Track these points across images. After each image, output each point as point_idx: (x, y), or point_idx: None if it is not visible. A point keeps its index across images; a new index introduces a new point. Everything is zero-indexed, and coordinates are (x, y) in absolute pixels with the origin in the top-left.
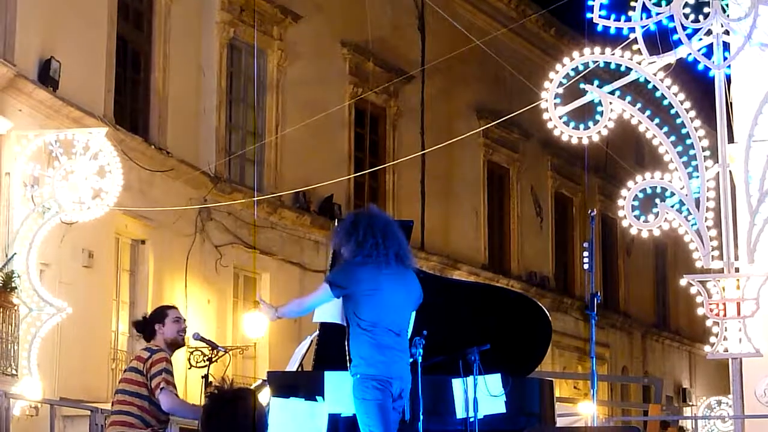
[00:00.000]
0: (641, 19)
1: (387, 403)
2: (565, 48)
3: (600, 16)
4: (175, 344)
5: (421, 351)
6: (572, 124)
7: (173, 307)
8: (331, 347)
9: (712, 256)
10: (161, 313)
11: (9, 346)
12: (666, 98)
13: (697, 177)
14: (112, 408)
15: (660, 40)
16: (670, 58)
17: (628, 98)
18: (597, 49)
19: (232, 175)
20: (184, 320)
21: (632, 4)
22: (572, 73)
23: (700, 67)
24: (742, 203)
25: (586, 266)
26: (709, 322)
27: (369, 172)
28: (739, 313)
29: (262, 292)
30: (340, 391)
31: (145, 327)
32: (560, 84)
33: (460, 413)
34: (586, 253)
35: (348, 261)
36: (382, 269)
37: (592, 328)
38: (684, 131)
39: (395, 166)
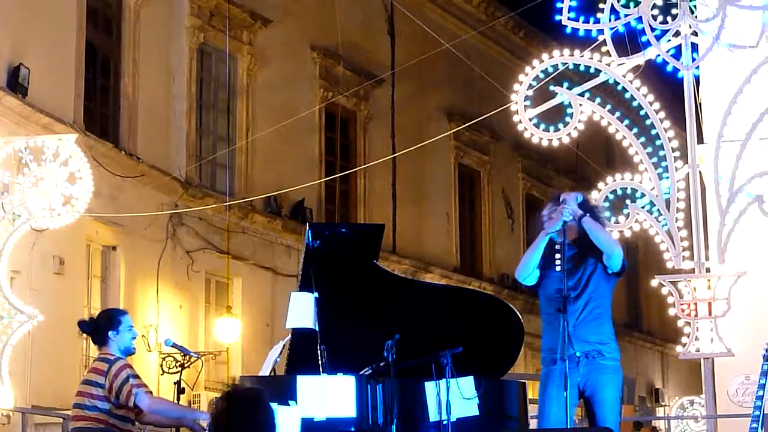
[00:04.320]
0: (610, 20)
1: None
2: (534, 50)
3: (569, 19)
4: (128, 353)
5: (393, 354)
6: (542, 126)
7: (125, 313)
8: (304, 352)
9: (683, 256)
10: (114, 319)
11: None
12: (635, 99)
13: (667, 178)
14: (72, 424)
15: (629, 41)
16: (639, 59)
17: (598, 100)
18: (566, 51)
19: (203, 180)
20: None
21: (600, 6)
22: (542, 75)
23: (669, 68)
24: (712, 204)
25: (558, 268)
26: (680, 323)
27: (340, 175)
28: (710, 313)
29: (234, 298)
30: (313, 396)
31: (95, 331)
32: (530, 86)
33: (433, 416)
34: (558, 255)
35: None
36: None
37: (565, 329)
38: (654, 132)
39: (366, 169)
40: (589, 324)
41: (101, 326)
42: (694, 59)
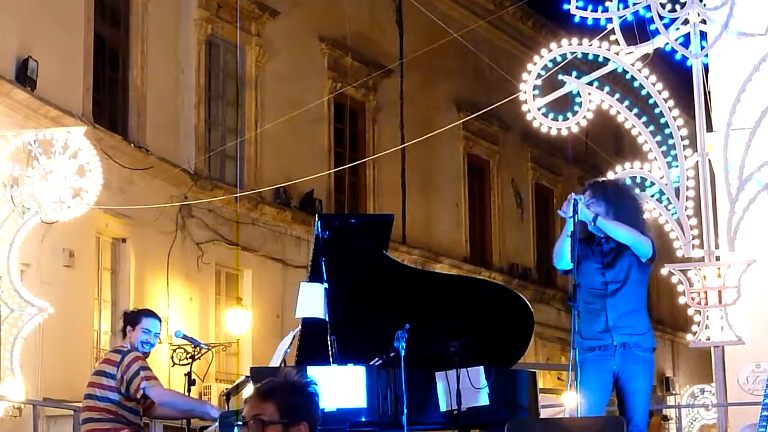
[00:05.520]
0: (618, 9)
1: None
2: (543, 39)
3: (577, 7)
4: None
5: (404, 344)
6: (551, 116)
7: (151, 316)
8: (314, 342)
9: (693, 244)
10: (137, 317)
11: None
12: (644, 88)
13: (677, 166)
14: (83, 414)
15: (637, 30)
16: (647, 48)
17: (607, 89)
18: (575, 40)
19: (212, 172)
20: (157, 335)
21: None
22: (550, 65)
23: (678, 56)
24: (721, 192)
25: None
26: (690, 311)
27: (349, 166)
28: (720, 302)
29: (245, 290)
30: (323, 386)
31: (124, 322)
32: (539, 75)
33: (443, 406)
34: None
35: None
36: None
37: (574, 318)
38: (662, 121)
39: (375, 160)
40: (628, 316)
41: (125, 320)
42: (702, 47)
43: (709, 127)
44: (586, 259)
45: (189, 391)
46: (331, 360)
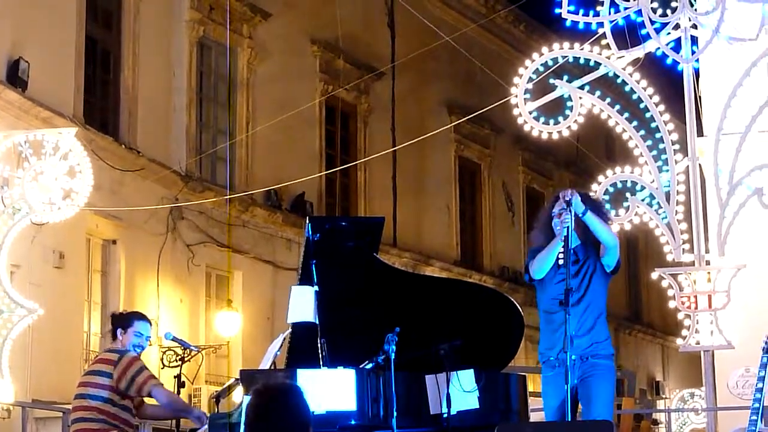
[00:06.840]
0: (609, 14)
1: None
2: (534, 43)
3: (568, 12)
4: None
5: (393, 347)
6: (542, 119)
7: (142, 319)
8: (304, 345)
9: (683, 249)
10: (129, 319)
11: None
12: (635, 92)
13: (667, 171)
14: (73, 414)
15: (628, 34)
16: (638, 52)
17: (598, 93)
18: (566, 44)
19: (203, 173)
20: (148, 338)
21: None
22: (542, 69)
23: (669, 61)
24: (711, 196)
25: (560, 262)
26: (680, 315)
27: (340, 169)
28: (710, 306)
29: (234, 291)
30: (313, 389)
31: (112, 324)
32: (530, 79)
33: (433, 409)
34: (561, 259)
35: None
36: None
37: (566, 322)
38: (653, 125)
39: (367, 162)
40: (590, 326)
41: (115, 322)
42: (693, 52)
43: (700, 132)
44: (552, 269)
45: (179, 393)
46: (321, 363)
